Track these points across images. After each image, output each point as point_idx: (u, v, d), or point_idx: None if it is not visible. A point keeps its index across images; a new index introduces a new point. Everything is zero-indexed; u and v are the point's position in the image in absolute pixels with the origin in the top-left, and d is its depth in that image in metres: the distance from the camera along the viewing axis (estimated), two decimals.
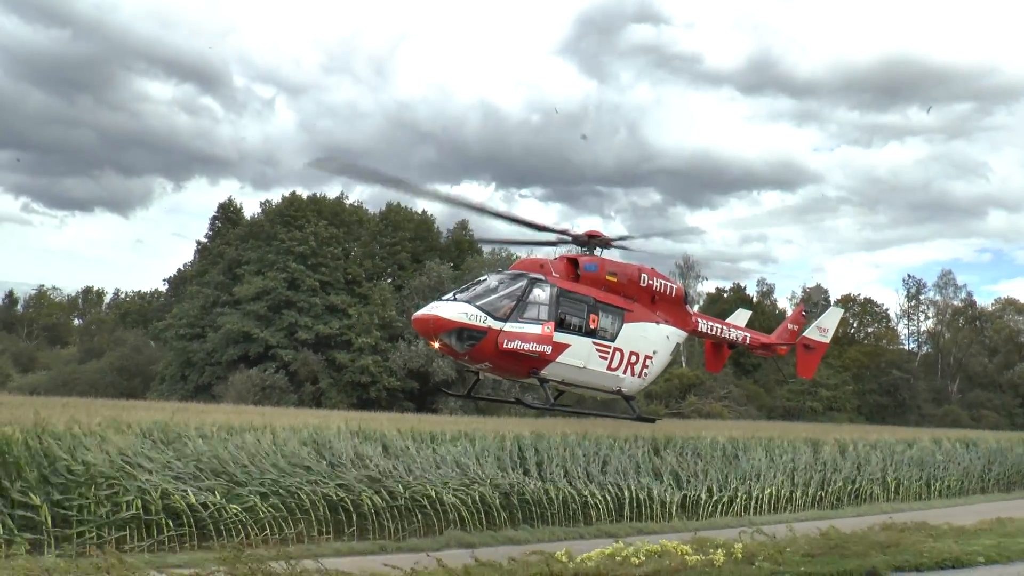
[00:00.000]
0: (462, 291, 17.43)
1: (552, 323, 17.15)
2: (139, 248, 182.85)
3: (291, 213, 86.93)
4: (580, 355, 17.72)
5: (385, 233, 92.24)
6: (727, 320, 24.14)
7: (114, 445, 19.91)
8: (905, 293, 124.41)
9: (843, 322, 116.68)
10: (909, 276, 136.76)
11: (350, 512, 19.84)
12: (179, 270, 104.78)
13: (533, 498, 22.66)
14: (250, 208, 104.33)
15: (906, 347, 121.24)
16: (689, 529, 22.21)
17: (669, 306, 19.88)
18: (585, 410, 21.95)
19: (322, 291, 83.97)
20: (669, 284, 20.01)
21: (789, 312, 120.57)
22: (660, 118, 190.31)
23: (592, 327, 17.94)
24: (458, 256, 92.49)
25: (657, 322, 19.38)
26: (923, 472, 35.32)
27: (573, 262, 18.63)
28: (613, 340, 18.32)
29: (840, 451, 35.22)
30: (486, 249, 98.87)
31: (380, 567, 15.13)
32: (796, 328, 24.33)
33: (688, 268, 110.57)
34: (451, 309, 16.63)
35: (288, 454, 21.99)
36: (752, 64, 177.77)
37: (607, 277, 18.68)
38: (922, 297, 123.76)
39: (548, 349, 17.07)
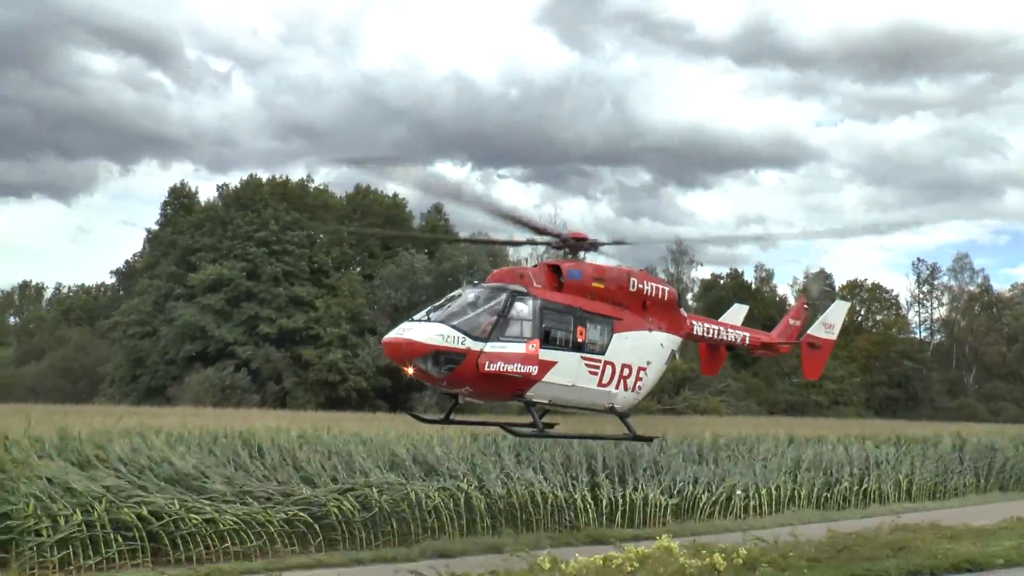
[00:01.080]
0: (436, 309, 17.18)
1: (537, 340, 16.98)
2: (82, 238, 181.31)
3: (249, 196, 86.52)
4: (568, 372, 17.60)
5: (353, 218, 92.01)
6: (723, 318, 24.17)
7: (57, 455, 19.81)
8: (916, 278, 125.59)
9: (850, 310, 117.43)
10: (920, 260, 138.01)
11: (311, 523, 19.74)
12: (127, 262, 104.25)
13: (519, 502, 22.67)
14: (206, 193, 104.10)
15: (918, 336, 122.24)
16: (685, 533, 22.28)
17: (662, 311, 19.73)
18: (577, 434, 21.84)
19: (285, 281, 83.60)
20: (661, 287, 19.87)
21: (790, 300, 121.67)
22: (648, 91, 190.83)
23: (580, 340, 17.80)
24: (432, 242, 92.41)
25: (649, 329, 19.28)
26: (937, 469, 35.61)
27: (556, 270, 18.47)
28: (603, 353, 18.21)
29: (846, 448, 35.44)
30: (465, 235, 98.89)
31: None
32: (799, 324, 24.32)
33: (681, 253, 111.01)
34: (425, 331, 16.38)
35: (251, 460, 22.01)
36: (748, 32, 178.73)
37: (593, 284, 18.54)
38: (935, 282, 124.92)
39: (534, 369, 16.92)
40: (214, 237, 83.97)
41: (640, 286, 19.27)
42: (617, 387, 18.52)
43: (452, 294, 17.94)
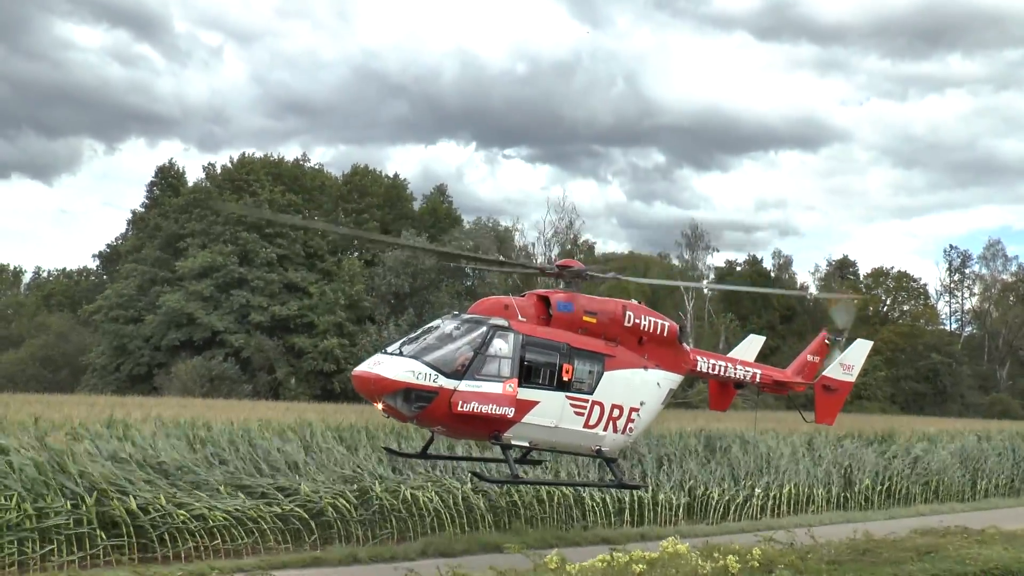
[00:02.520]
0: (410, 342, 17.23)
1: (515, 380, 16.88)
2: (64, 220, 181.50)
3: (242, 177, 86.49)
4: (551, 413, 17.48)
5: (350, 199, 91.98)
6: (737, 348, 24.02)
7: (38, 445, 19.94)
8: (947, 266, 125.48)
9: (874, 300, 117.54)
10: (951, 247, 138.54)
11: (307, 520, 19.88)
12: (109, 245, 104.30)
13: (523, 500, 22.79)
14: (195, 173, 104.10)
15: (947, 327, 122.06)
16: (697, 534, 22.40)
17: (660, 347, 19.47)
18: (557, 481, 21.58)
19: (279, 266, 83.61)
20: (659, 322, 19.53)
21: (811, 288, 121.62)
22: (663, 68, 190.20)
23: (566, 379, 17.64)
24: (433, 225, 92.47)
25: (645, 367, 19.06)
26: (966, 469, 35.68)
27: (545, 301, 18.34)
28: (591, 392, 18.03)
29: (870, 445, 35.53)
30: (470, 218, 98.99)
31: None
32: (817, 360, 23.80)
33: (696, 238, 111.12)
34: (395, 367, 16.39)
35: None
36: (768, 5, 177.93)
37: (584, 318, 18.34)
38: (966, 270, 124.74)
39: (511, 411, 16.84)
40: (204, 222, 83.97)
41: (636, 320, 19.00)
42: (605, 429, 18.29)
43: (430, 325, 17.92)
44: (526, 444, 17.79)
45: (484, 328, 17.02)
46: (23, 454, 18.46)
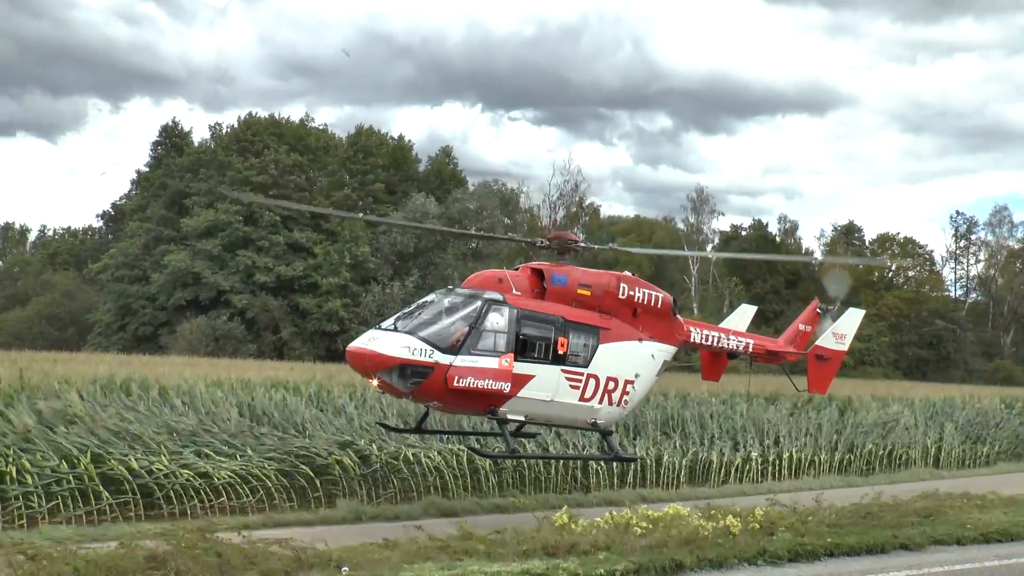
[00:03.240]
0: (405, 317, 17.20)
1: (511, 354, 16.91)
2: (69, 178, 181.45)
3: (247, 138, 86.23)
4: (547, 387, 17.49)
5: (356, 160, 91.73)
6: (729, 317, 24.08)
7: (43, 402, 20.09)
8: (953, 232, 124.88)
9: (879, 266, 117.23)
10: (958, 213, 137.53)
11: (311, 478, 19.99)
12: (114, 205, 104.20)
13: (527, 462, 22.88)
14: (199, 133, 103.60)
15: (952, 294, 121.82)
16: (699, 497, 22.54)
17: (654, 319, 19.41)
18: (553, 455, 21.57)
19: (284, 227, 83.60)
20: (653, 294, 19.48)
21: (816, 253, 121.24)
22: (670, 31, 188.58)
23: (561, 352, 17.63)
24: (438, 187, 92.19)
25: (639, 339, 19.01)
26: (968, 435, 35.76)
27: (539, 274, 18.29)
28: (586, 365, 18.01)
29: (872, 410, 35.61)
30: (475, 180, 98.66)
31: (357, 539, 15.34)
32: (809, 329, 23.75)
33: (702, 202, 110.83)
34: (390, 342, 16.38)
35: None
36: None
37: (579, 291, 18.29)
38: (972, 237, 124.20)
39: (507, 386, 16.89)
40: (210, 182, 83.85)
41: (631, 293, 18.95)
42: (601, 402, 18.30)
43: (424, 299, 17.90)
44: (522, 418, 17.79)
45: (479, 302, 17.01)
46: (20, 413, 18.57)
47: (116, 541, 13.60)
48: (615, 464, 24.35)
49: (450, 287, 18.18)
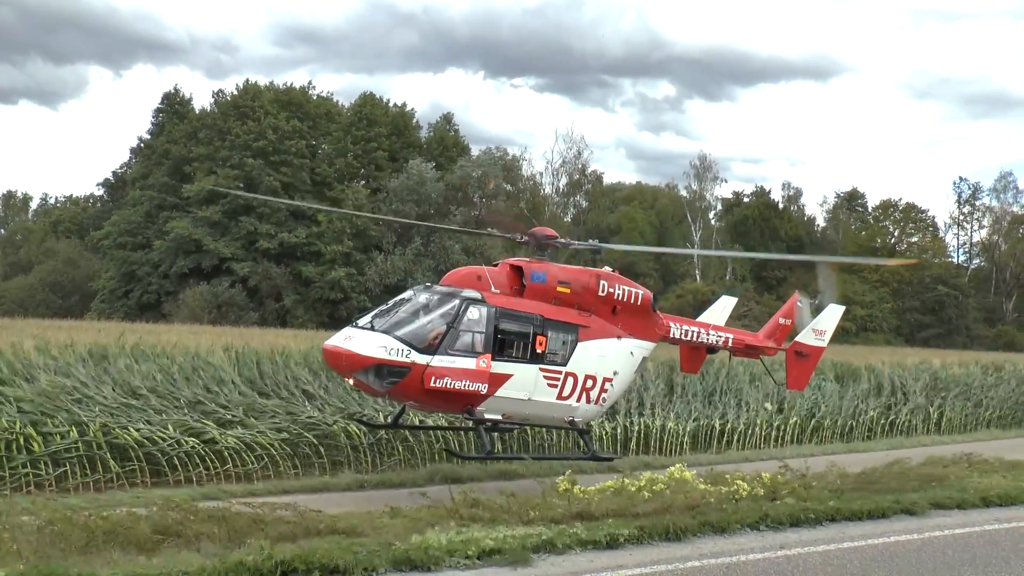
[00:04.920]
0: (382, 315, 17.05)
1: (488, 355, 16.80)
2: (70, 146, 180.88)
3: (247, 104, 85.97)
4: (524, 386, 17.38)
5: (359, 128, 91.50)
6: (709, 309, 23.80)
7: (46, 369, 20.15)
8: (956, 199, 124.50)
9: (882, 231, 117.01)
10: (961, 179, 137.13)
11: (317, 446, 20.09)
12: (115, 172, 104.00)
13: (532, 429, 22.94)
14: (201, 100, 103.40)
15: (955, 260, 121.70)
16: (702, 463, 22.56)
17: (634, 316, 19.22)
18: (528, 456, 21.60)
19: (285, 194, 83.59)
20: (633, 291, 19.28)
21: (819, 220, 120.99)
22: None
23: (539, 351, 17.48)
24: (441, 155, 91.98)
25: (619, 336, 18.85)
26: (969, 401, 35.83)
27: (518, 271, 18.13)
28: (565, 364, 17.88)
29: (874, 376, 35.64)
30: (478, 147, 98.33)
31: (362, 506, 15.43)
32: (788, 323, 23.49)
33: (705, 169, 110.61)
34: (366, 341, 16.23)
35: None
36: None
37: (558, 288, 18.12)
38: (976, 203, 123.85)
39: (484, 386, 16.81)
40: (210, 147, 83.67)
41: (610, 290, 18.78)
42: (579, 400, 18.19)
43: (401, 296, 17.74)
44: (499, 417, 17.64)
45: (456, 301, 16.87)
46: (18, 381, 18.63)
47: (124, 508, 13.71)
48: (620, 427, 24.43)
49: (428, 284, 18.08)
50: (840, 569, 13.44)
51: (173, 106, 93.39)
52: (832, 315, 23.80)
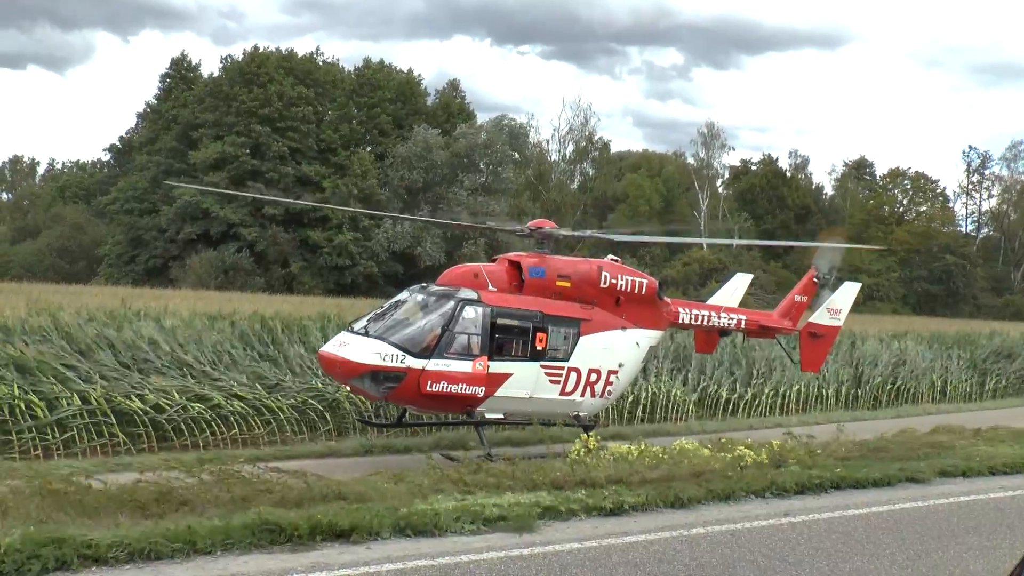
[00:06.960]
0: (377, 319, 16.89)
1: (485, 357, 16.60)
2: (78, 112, 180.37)
3: (253, 70, 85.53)
4: (525, 384, 17.20)
5: (363, 94, 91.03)
6: (724, 288, 23.47)
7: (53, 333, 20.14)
8: (966, 168, 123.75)
9: (890, 199, 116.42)
10: (971, 147, 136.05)
11: (323, 412, 20.11)
12: (121, 138, 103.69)
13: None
14: (208, 67, 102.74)
15: (963, 229, 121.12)
16: (707, 431, 22.58)
17: (638, 306, 18.92)
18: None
19: (292, 160, 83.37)
20: (637, 280, 18.98)
21: (827, 189, 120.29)
22: None
23: (539, 348, 17.24)
24: (446, 121, 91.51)
25: (623, 327, 18.57)
26: (975, 369, 35.79)
27: (516, 266, 17.88)
28: (567, 359, 17.66)
29: (880, 345, 35.58)
30: (484, 115, 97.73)
31: (368, 472, 15.44)
32: (805, 300, 23.14)
33: (712, 137, 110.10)
34: (361, 348, 16.06)
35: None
36: None
37: (558, 282, 17.88)
38: (986, 172, 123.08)
39: (482, 388, 16.65)
40: (216, 113, 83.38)
41: (612, 281, 18.48)
42: (583, 395, 18.01)
43: (396, 299, 17.58)
44: (500, 416, 17.53)
45: (452, 302, 16.64)
46: (20, 346, 18.63)
47: (134, 472, 13.75)
48: (627, 395, 24.30)
49: (424, 285, 17.90)
50: (845, 536, 13.43)
51: (181, 72, 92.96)
52: (847, 292, 23.37)
